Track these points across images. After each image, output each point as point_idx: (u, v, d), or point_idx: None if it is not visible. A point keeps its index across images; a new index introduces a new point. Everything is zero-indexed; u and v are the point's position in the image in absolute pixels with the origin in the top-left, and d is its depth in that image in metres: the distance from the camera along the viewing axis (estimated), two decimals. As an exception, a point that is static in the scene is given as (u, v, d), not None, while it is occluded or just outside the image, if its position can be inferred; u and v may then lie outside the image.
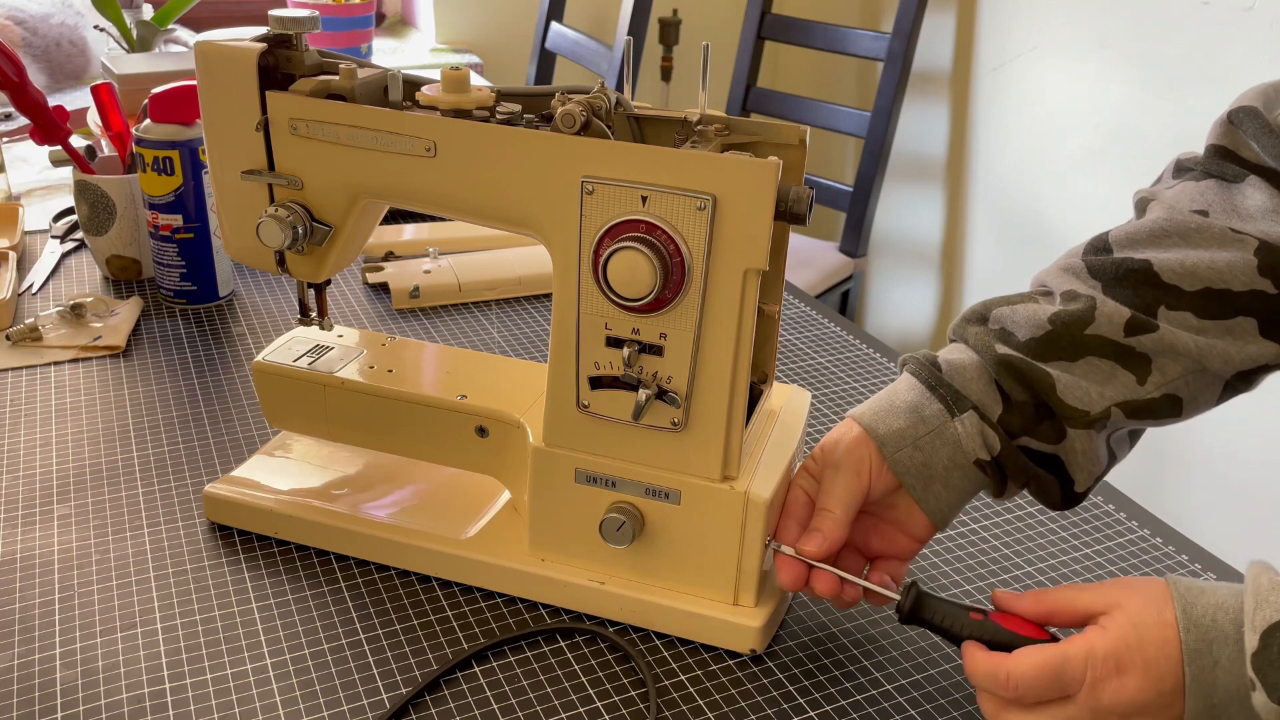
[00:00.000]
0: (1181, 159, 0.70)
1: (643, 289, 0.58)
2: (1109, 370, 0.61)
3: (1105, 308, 0.62)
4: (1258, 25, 1.60)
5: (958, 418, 0.62)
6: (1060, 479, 0.63)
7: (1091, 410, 0.61)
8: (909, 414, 0.63)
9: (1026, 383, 0.62)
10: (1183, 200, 0.66)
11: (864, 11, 2.50)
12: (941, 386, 0.63)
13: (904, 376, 0.66)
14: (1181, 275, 0.62)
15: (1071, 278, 0.65)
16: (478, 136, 0.61)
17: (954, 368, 0.63)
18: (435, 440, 0.72)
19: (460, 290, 1.07)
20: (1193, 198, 0.66)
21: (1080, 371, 0.61)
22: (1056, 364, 0.62)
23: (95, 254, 1.09)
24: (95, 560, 0.69)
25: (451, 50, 2.30)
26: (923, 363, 0.65)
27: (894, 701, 0.61)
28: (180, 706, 0.59)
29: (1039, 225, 2.04)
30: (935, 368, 0.64)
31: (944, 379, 0.63)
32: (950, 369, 0.63)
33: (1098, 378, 0.61)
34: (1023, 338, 0.63)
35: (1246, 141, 0.65)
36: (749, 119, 0.62)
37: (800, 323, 1.08)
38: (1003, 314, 0.64)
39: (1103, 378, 0.61)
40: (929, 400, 0.63)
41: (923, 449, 0.62)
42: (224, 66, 0.64)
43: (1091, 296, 0.63)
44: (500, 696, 0.60)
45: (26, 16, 1.75)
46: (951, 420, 0.62)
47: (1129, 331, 0.61)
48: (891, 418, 0.63)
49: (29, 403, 0.87)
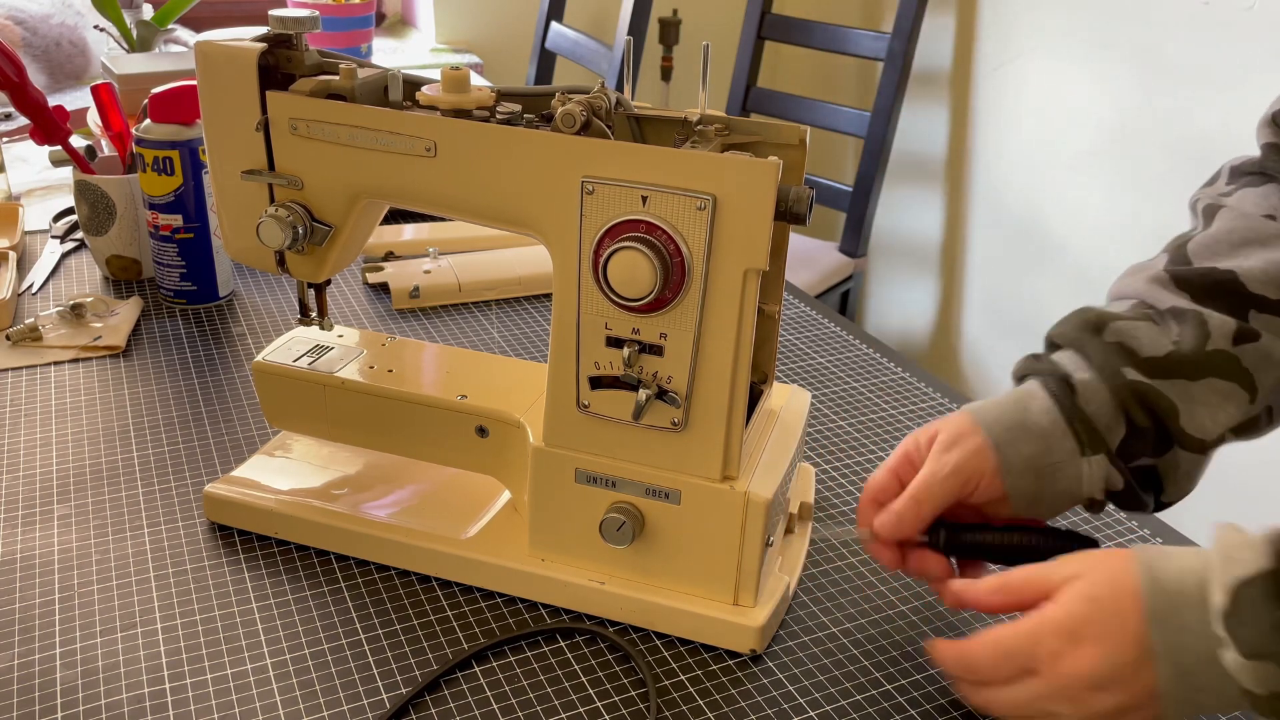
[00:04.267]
0: (1235, 163, 0.71)
1: (643, 289, 0.58)
2: (1227, 391, 0.61)
3: (1213, 320, 0.62)
4: (1258, 25, 1.60)
5: (1087, 458, 0.62)
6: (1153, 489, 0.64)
7: (1208, 439, 0.61)
8: (1039, 441, 0.62)
9: (1151, 410, 0.62)
10: (1249, 205, 0.66)
11: (864, 11, 2.50)
12: (1079, 421, 0.62)
13: (1037, 393, 0.64)
14: (1266, 283, 0.62)
15: (1162, 290, 0.65)
16: (478, 136, 0.61)
17: (1087, 392, 0.62)
18: (435, 440, 0.72)
19: (460, 290, 1.07)
20: (1257, 203, 0.66)
21: (1200, 394, 0.61)
22: (1179, 384, 0.61)
23: (95, 254, 1.09)
24: (95, 560, 0.69)
25: (451, 50, 2.30)
26: (1059, 383, 0.63)
27: (894, 701, 0.61)
28: (180, 706, 0.59)
29: (1039, 225, 2.05)
30: (1069, 389, 0.62)
31: (1080, 409, 0.62)
32: (1084, 394, 0.62)
33: (1216, 400, 0.61)
34: (1146, 355, 0.62)
35: None
36: (749, 119, 0.62)
37: (800, 323, 1.08)
38: (1122, 329, 0.63)
39: (1220, 399, 0.61)
40: (1064, 434, 0.62)
41: (1043, 477, 0.62)
42: (224, 66, 0.64)
43: (1198, 311, 0.62)
44: (500, 696, 0.60)
45: (26, 16, 1.75)
46: (1080, 459, 0.62)
47: (1236, 341, 0.61)
48: (1022, 442, 0.62)
49: (29, 403, 0.87)
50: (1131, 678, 0.49)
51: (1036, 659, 0.51)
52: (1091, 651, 0.50)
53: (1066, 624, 0.50)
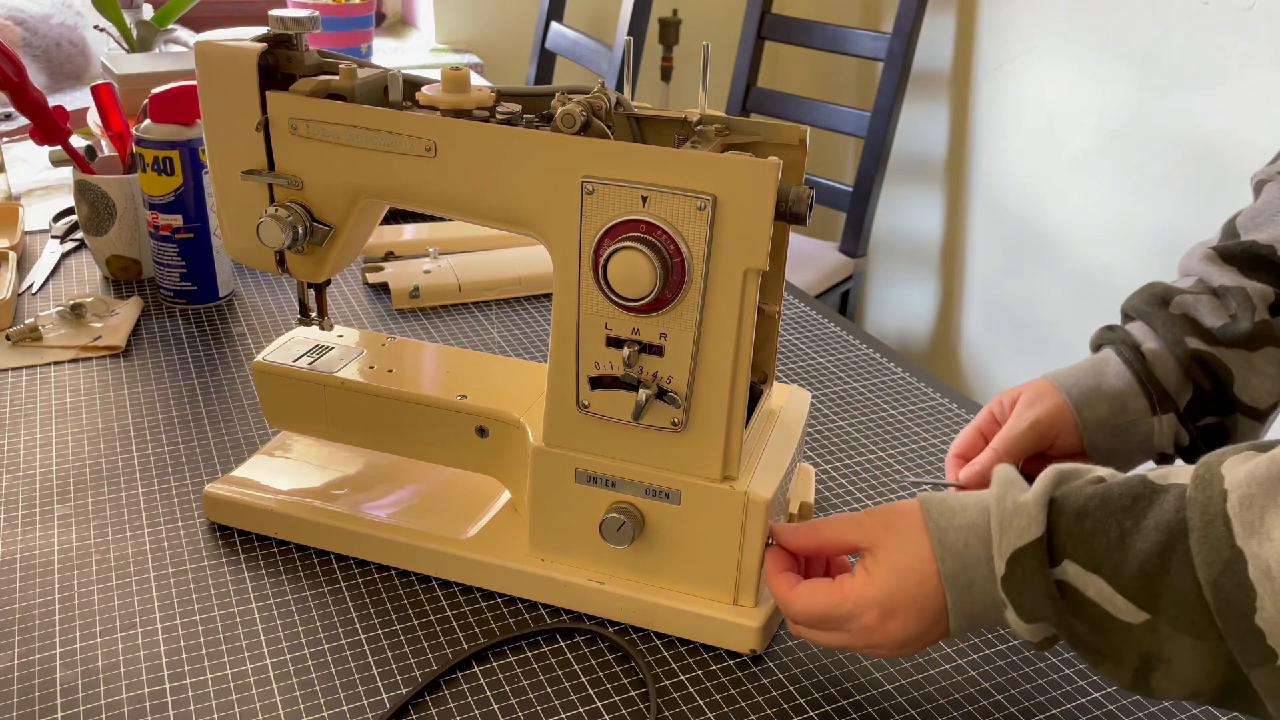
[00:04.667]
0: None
1: (643, 289, 0.58)
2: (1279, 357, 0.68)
3: (1255, 292, 0.69)
4: (1258, 25, 1.60)
5: (1158, 416, 0.69)
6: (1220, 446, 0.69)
7: (1260, 407, 0.68)
8: (1115, 401, 0.70)
9: (1213, 376, 0.69)
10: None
11: (864, 11, 2.50)
12: (1150, 382, 0.70)
13: (1111, 359, 0.72)
14: None
15: (1211, 266, 0.71)
16: (478, 136, 0.61)
17: (1155, 359, 0.70)
18: (435, 440, 0.71)
19: (460, 290, 1.07)
20: None
21: (1259, 363, 0.69)
22: (1239, 353, 0.69)
23: (95, 254, 1.09)
24: (95, 560, 0.69)
25: (451, 50, 2.30)
26: (1131, 350, 0.71)
27: (894, 702, 0.61)
28: (180, 706, 0.59)
29: (1039, 225, 2.04)
30: (1140, 356, 0.70)
31: (1151, 372, 0.70)
32: (1153, 360, 0.70)
33: (1272, 369, 0.68)
34: (1206, 325, 0.69)
35: None
36: (749, 119, 0.62)
37: (800, 323, 1.08)
38: (1185, 302, 0.71)
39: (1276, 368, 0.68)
40: (1136, 395, 0.70)
41: (1118, 433, 0.69)
42: (224, 66, 0.64)
43: (1242, 286, 0.69)
44: (500, 696, 0.60)
45: (26, 16, 1.75)
46: (1151, 417, 0.70)
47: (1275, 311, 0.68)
48: (1099, 403, 0.70)
49: (29, 403, 0.87)
50: (930, 629, 0.55)
51: (849, 625, 0.57)
52: (902, 620, 0.55)
53: (878, 600, 0.55)
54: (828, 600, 0.57)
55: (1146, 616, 0.48)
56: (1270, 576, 0.43)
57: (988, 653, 0.65)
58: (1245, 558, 0.44)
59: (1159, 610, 0.48)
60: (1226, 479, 0.46)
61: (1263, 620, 0.44)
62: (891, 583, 0.55)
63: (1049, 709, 0.61)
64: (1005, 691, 0.62)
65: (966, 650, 0.65)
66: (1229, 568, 0.45)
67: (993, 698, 0.62)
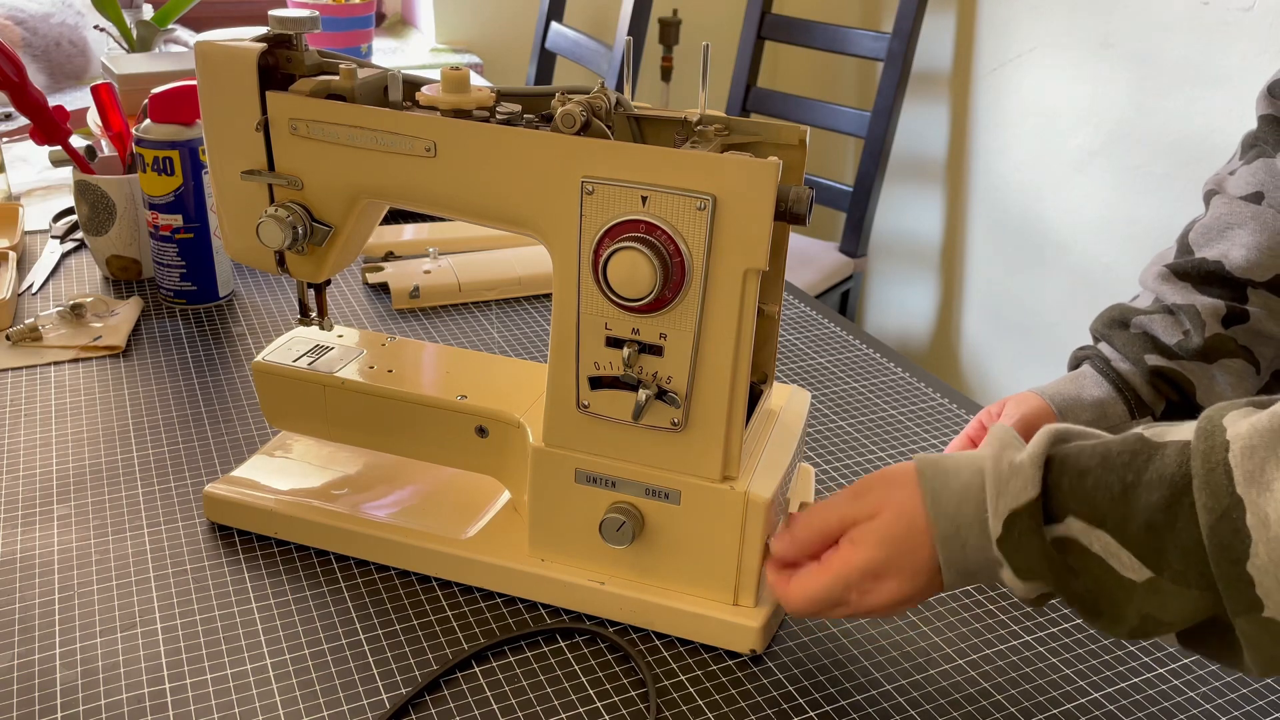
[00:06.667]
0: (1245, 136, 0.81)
1: (643, 289, 0.58)
2: (1240, 370, 0.73)
3: (1205, 307, 0.73)
4: (1258, 25, 1.60)
5: (1138, 420, 0.73)
6: None
7: None
8: (1095, 408, 0.76)
9: (1177, 388, 0.75)
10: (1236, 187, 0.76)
11: (864, 11, 2.50)
12: (1127, 390, 0.76)
13: (1088, 371, 0.78)
14: (1248, 268, 0.74)
15: (1165, 284, 0.76)
16: (478, 136, 0.61)
17: (1126, 376, 0.76)
18: (435, 440, 0.72)
19: (460, 290, 1.07)
20: (1247, 182, 0.76)
21: (1218, 374, 0.74)
22: (1197, 365, 0.74)
23: (95, 254, 1.09)
24: (95, 560, 0.69)
25: (451, 50, 2.29)
26: (1104, 363, 0.77)
27: (894, 702, 0.61)
28: (180, 706, 0.59)
29: (1039, 225, 2.04)
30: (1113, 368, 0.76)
31: (1128, 382, 0.76)
32: (1124, 376, 0.76)
33: (1231, 378, 0.73)
34: (1164, 343, 0.75)
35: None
36: (749, 119, 0.62)
37: (800, 323, 1.08)
38: (1142, 321, 0.77)
39: (1236, 377, 0.73)
40: (1115, 401, 0.76)
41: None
42: (224, 66, 0.64)
43: (1192, 304, 0.74)
44: (500, 696, 0.60)
45: (26, 16, 1.75)
46: (1130, 420, 0.75)
47: (1226, 324, 0.72)
48: (1079, 409, 0.75)
49: (29, 403, 0.87)
50: (924, 588, 0.57)
51: (846, 598, 0.58)
52: (894, 584, 0.56)
53: (870, 568, 0.56)
54: (820, 584, 0.58)
55: (1150, 574, 0.49)
56: (1267, 524, 0.44)
57: (988, 653, 0.65)
58: (1244, 505, 0.45)
59: (1163, 565, 0.48)
60: (1229, 430, 0.47)
61: (1254, 568, 0.45)
62: (881, 554, 0.56)
63: (1049, 709, 0.61)
64: (1005, 691, 0.62)
65: (966, 650, 0.65)
66: (1227, 514, 0.45)
67: (993, 698, 0.62)
